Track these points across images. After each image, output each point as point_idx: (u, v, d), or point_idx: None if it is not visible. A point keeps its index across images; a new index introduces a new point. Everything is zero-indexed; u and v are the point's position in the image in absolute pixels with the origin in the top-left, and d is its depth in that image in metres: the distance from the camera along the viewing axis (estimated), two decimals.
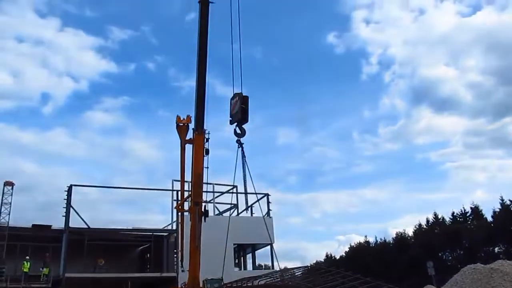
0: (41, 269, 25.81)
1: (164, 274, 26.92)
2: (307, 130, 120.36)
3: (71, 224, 26.31)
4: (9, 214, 26.40)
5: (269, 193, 31.48)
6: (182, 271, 22.41)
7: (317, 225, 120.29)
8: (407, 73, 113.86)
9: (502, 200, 55.02)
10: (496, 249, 54.19)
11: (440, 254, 57.48)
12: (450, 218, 60.82)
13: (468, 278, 23.05)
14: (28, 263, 25.11)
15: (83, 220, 26.29)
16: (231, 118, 17.78)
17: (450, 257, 58.44)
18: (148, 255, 30.89)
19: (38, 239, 26.95)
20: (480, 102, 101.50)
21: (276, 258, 27.69)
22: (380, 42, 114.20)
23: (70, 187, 27.02)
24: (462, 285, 22.83)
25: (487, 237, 52.58)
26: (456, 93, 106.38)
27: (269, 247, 28.95)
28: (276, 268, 25.51)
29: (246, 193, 20.57)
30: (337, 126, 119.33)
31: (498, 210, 55.06)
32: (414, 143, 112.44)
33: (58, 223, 27.13)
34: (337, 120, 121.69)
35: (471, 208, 59.61)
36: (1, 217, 26.23)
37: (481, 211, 59.03)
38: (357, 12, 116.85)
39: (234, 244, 29.26)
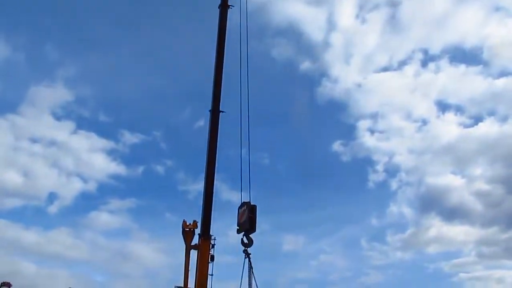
0: None
1: None
2: (313, 237, 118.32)
3: None
4: None
5: None
6: None
7: None
8: (414, 181, 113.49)
9: None
10: None
11: None
12: None
13: None
14: None
15: None
16: (238, 227, 17.65)
17: None
18: None
19: None
20: (491, 210, 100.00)
21: None
22: (385, 151, 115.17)
23: None
24: None
25: None
26: (465, 202, 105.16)
27: None
28: None
29: None
30: (344, 233, 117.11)
31: None
32: (425, 252, 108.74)
33: None
34: (345, 227, 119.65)
35: None
36: None
37: None
38: (361, 122, 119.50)
39: None
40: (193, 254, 20.00)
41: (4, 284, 25.50)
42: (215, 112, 19.28)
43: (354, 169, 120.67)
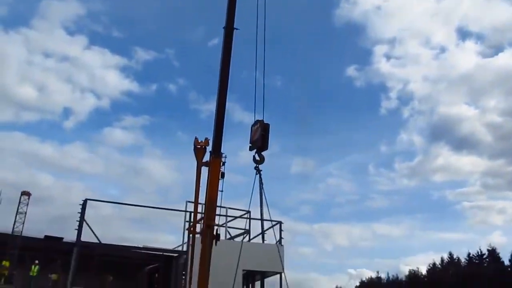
0: (49, 275, 25.90)
1: None
2: (322, 161, 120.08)
3: (82, 238, 26.38)
4: (23, 223, 26.70)
5: (282, 221, 31.21)
6: None
7: (328, 257, 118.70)
8: (426, 110, 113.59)
9: None
10: None
11: None
12: (465, 259, 59.54)
13: None
14: (36, 267, 25.18)
15: (95, 235, 26.34)
16: (250, 145, 17.87)
17: None
18: (157, 275, 30.68)
19: (49, 251, 27.04)
20: (501, 143, 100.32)
21: (281, 286, 27.26)
22: (400, 77, 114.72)
23: (85, 201, 27.20)
24: None
25: (504, 281, 51.07)
26: (476, 133, 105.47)
27: (278, 276, 28.49)
28: None
29: (262, 219, 20.46)
30: (353, 158, 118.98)
31: None
32: (431, 180, 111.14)
33: (69, 237, 27.26)
34: (354, 152, 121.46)
35: (488, 250, 58.26)
36: (15, 226, 26.51)
37: (498, 254, 57.66)
38: (378, 47, 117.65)
39: (243, 270, 28.92)
40: (204, 171, 20.47)
41: (24, 193, 26.63)
42: (229, 29, 18.92)
43: (367, 95, 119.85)
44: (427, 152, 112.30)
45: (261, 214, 17.35)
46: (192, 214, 24.05)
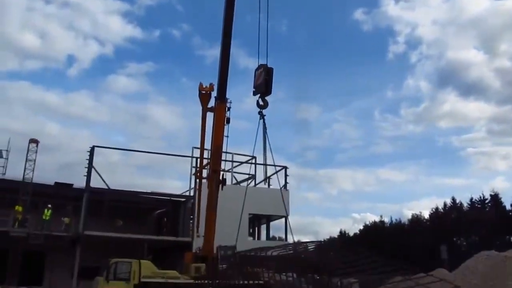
0: (62, 218, 26.72)
1: (180, 239, 27.54)
2: (328, 106, 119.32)
3: (91, 185, 26.97)
4: (32, 171, 27.16)
5: (287, 166, 31.65)
6: (197, 236, 22.94)
7: (332, 202, 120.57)
8: (434, 55, 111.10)
9: None
10: None
11: (454, 239, 57.24)
12: (468, 204, 60.20)
13: (481, 264, 22.99)
14: (49, 211, 25.89)
15: (103, 180, 26.92)
16: (254, 89, 17.82)
17: (465, 243, 58.13)
18: (165, 220, 31.56)
19: (60, 197, 27.74)
20: (509, 88, 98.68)
21: (291, 231, 28.01)
22: (409, 21, 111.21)
23: (92, 148, 27.58)
24: (474, 271, 22.79)
25: (505, 226, 52.03)
26: (484, 78, 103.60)
27: (284, 219, 29.23)
28: (290, 241, 25.83)
29: (265, 164, 20.75)
30: (358, 104, 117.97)
31: None
32: (436, 126, 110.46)
33: (78, 184, 27.87)
34: (359, 98, 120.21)
35: (490, 195, 58.87)
36: (26, 173, 27.01)
37: (500, 199, 58.25)
38: None
39: (249, 214, 29.67)
40: (210, 117, 20.60)
41: (32, 140, 26.96)
42: None
43: (374, 39, 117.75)
44: (434, 98, 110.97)
45: (264, 158, 17.55)
46: (198, 160, 24.50)
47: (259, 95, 17.56)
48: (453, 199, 62.88)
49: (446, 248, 36.57)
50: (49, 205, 26.07)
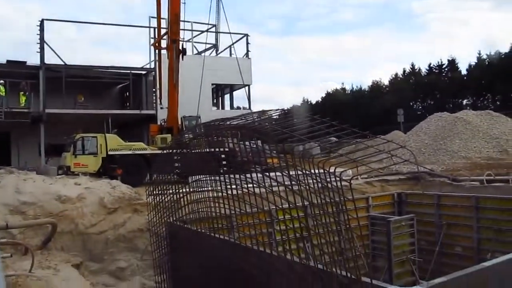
0: (20, 93, 25.83)
1: (144, 112, 27.54)
2: None
3: (47, 62, 25.85)
4: None
5: (248, 34, 30.86)
6: (161, 108, 23.01)
7: (295, 71, 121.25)
8: None
9: (479, 54, 55.62)
10: (465, 101, 56.58)
11: (411, 104, 59.82)
12: (426, 70, 61.88)
13: (433, 125, 24.48)
14: (3, 87, 24.88)
15: (58, 56, 25.77)
16: None
17: (421, 107, 61.00)
18: (127, 94, 31.20)
19: (14, 76, 26.55)
20: None
21: (248, 98, 28.54)
22: None
23: (42, 22, 25.88)
24: (427, 131, 24.32)
25: (458, 90, 54.38)
26: None
27: (246, 88, 29.39)
28: (254, 110, 26.34)
29: (224, 32, 20.12)
30: None
31: (474, 64, 56.07)
32: None
33: (34, 62, 26.64)
34: None
35: (448, 60, 60.36)
36: None
37: (457, 64, 59.98)
38: None
39: (212, 84, 29.64)
40: None
41: None
42: None
43: None
44: None
45: (216, 25, 16.95)
46: (156, 30, 23.54)
47: None
48: (412, 65, 64.44)
49: (403, 112, 38.28)
50: (2, 81, 24.95)
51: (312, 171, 4.32)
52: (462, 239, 11.78)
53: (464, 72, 57.52)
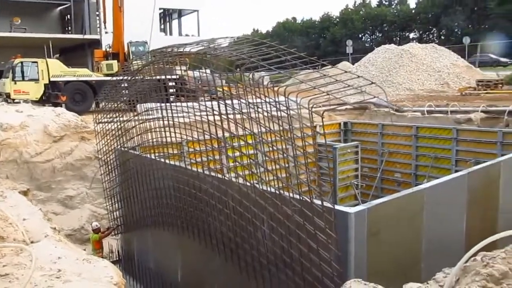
0: None
1: (87, 36, 26.11)
2: None
3: None
4: None
5: None
6: (106, 33, 21.95)
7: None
8: None
9: None
10: (412, 35, 57.68)
11: (360, 36, 60.27)
12: (377, 2, 61.94)
13: (381, 57, 24.97)
14: None
15: None
16: None
17: (369, 39, 61.64)
18: (69, 17, 29.31)
19: None
20: None
21: (198, 25, 27.73)
22: None
23: None
24: (374, 63, 24.82)
25: (406, 23, 55.17)
26: None
27: (195, 14, 28.43)
28: (203, 37, 25.62)
29: None
30: None
31: None
32: None
33: None
34: None
35: None
36: None
37: None
38: None
39: (159, 8, 28.35)
40: None
41: None
42: None
43: None
44: None
45: None
46: None
47: None
48: None
49: (352, 43, 38.59)
50: None
51: (268, 99, 4.39)
52: (402, 166, 12.53)
53: (413, 5, 58.12)
